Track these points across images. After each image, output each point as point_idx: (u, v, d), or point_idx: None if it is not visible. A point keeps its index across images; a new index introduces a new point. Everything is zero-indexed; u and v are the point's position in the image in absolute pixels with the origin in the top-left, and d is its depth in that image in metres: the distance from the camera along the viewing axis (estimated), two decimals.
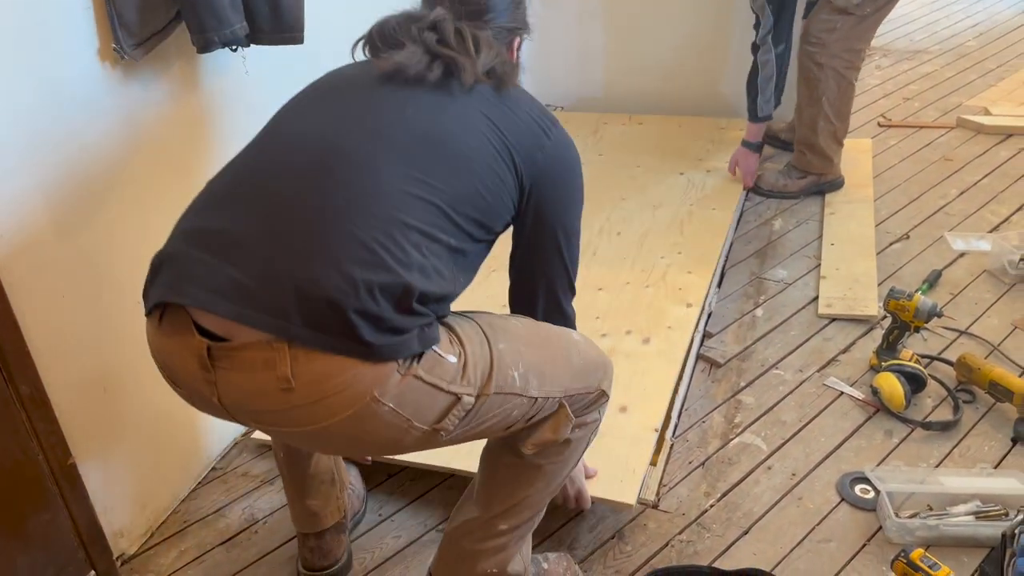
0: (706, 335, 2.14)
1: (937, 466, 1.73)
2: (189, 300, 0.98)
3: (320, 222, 0.99)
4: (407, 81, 1.10)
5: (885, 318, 2.14)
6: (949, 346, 2.08)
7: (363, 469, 1.71)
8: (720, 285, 2.33)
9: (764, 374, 2.01)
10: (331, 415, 0.98)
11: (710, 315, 2.20)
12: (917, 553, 1.44)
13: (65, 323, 1.33)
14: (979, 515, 1.57)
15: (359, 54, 1.21)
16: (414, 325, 0.99)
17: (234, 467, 1.77)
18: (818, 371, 2.01)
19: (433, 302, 1.02)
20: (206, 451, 1.77)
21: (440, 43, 1.12)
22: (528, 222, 1.20)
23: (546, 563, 1.45)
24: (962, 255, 2.45)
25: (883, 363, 1.93)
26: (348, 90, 1.14)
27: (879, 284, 2.30)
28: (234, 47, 1.46)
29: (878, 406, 1.88)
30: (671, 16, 2.97)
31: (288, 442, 1.35)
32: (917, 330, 1.95)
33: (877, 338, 2.09)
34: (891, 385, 1.84)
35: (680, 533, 1.59)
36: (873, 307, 2.19)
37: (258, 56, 1.61)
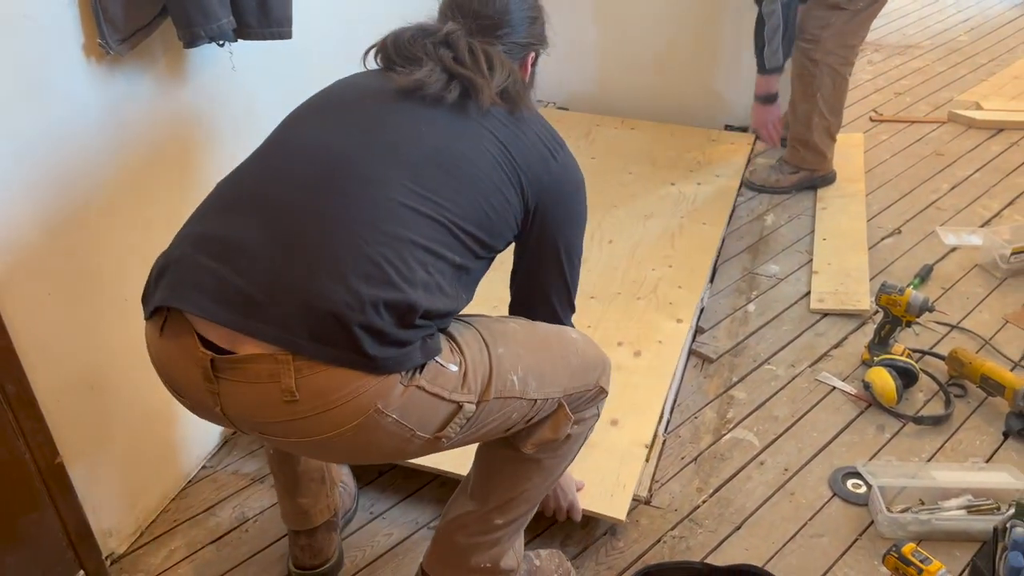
0: (698, 331, 2.14)
1: (929, 460, 1.74)
2: (195, 309, 0.98)
3: (329, 236, 0.99)
4: (424, 99, 1.11)
5: (877, 313, 2.14)
6: (941, 340, 2.08)
7: (354, 467, 1.70)
8: (712, 280, 2.33)
9: (756, 369, 2.01)
10: (335, 427, 0.99)
11: (702, 310, 2.20)
12: (909, 547, 1.44)
13: (51, 321, 1.32)
14: (971, 509, 1.57)
15: (371, 62, 1.21)
16: (416, 337, 1.00)
17: (224, 466, 1.76)
18: (810, 366, 2.01)
19: (436, 318, 1.03)
20: (196, 450, 1.76)
21: (456, 61, 1.13)
22: (531, 241, 1.21)
23: (538, 560, 1.45)
24: (954, 249, 2.45)
25: (875, 358, 1.93)
26: (362, 103, 1.14)
27: (871, 279, 2.30)
28: (221, 42, 1.45)
29: (870, 401, 1.88)
30: (664, 11, 2.96)
31: (291, 451, 1.35)
32: (909, 325, 1.95)
33: (869, 333, 2.09)
34: (883, 380, 1.84)
35: (672, 529, 1.59)
36: (865, 302, 2.19)
37: (246, 52, 1.60)
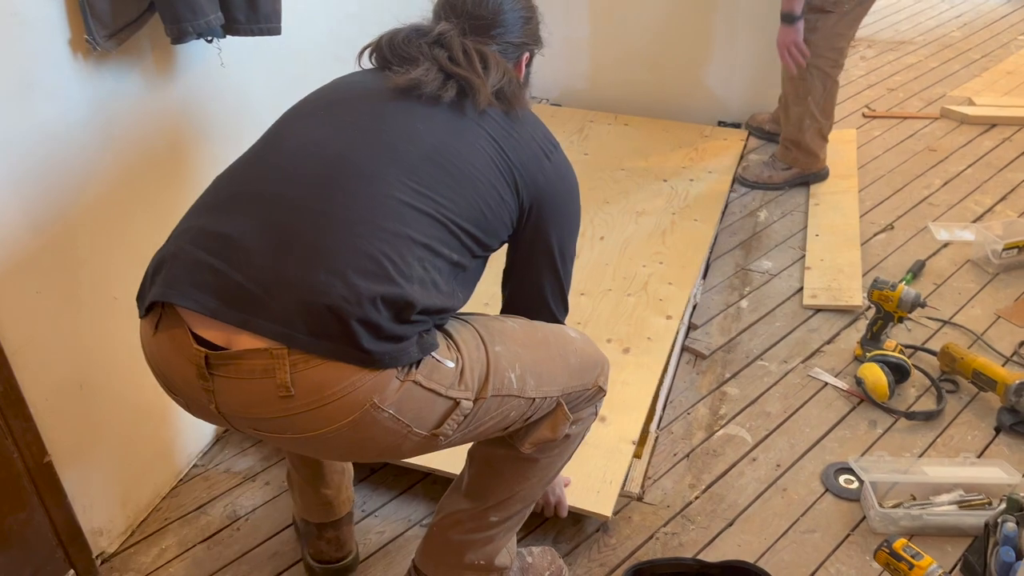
0: (691, 327, 2.14)
1: (921, 456, 1.74)
2: (192, 303, 0.98)
3: (327, 231, 0.99)
4: (421, 99, 1.11)
5: (869, 308, 2.14)
6: (933, 336, 2.09)
7: None
8: (705, 277, 2.33)
9: (749, 365, 2.01)
10: (330, 422, 0.98)
11: (695, 306, 2.20)
12: (900, 543, 1.44)
13: (40, 320, 1.31)
14: (962, 504, 1.57)
15: (366, 61, 1.21)
16: (413, 333, 1.00)
17: (216, 464, 1.76)
18: (803, 362, 2.01)
19: (433, 314, 1.03)
20: (187, 448, 1.75)
21: (451, 61, 1.13)
22: (525, 240, 1.21)
23: (531, 557, 1.45)
24: (946, 245, 2.46)
25: (867, 353, 1.93)
26: (359, 101, 1.14)
27: (863, 274, 2.30)
28: (209, 38, 1.44)
29: (862, 396, 1.88)
30: (657, 7, 2.96)
31: (287, 449, 1.34)
32: (901, 320, 1.95)
33: (861, 328, 2.09)
34: (875, 375, 1.84)
35: (665, 525, 1.59)
36: (857, 298, 2.19)
37: (234, 48, 1.59)
